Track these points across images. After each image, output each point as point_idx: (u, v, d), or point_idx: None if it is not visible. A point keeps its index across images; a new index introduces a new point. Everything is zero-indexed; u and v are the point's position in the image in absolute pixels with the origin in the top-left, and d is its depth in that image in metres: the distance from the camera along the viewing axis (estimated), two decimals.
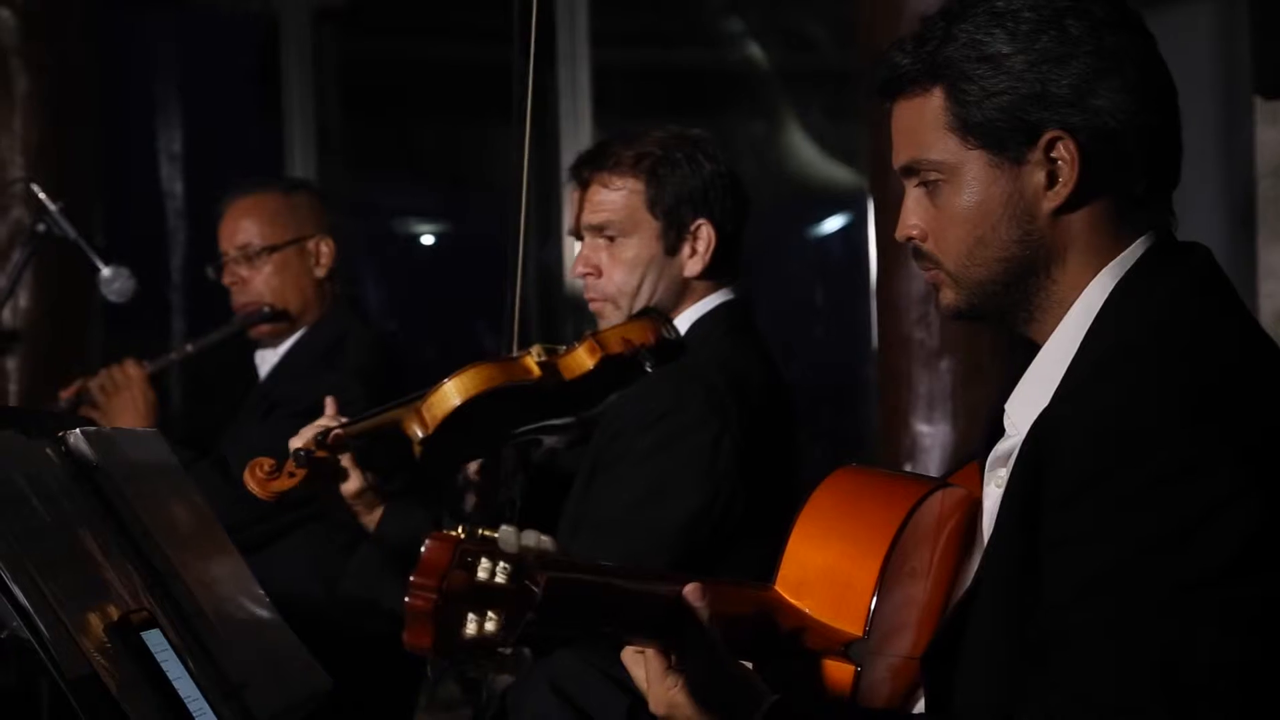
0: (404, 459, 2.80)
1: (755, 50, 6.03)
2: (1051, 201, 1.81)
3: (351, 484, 2.75)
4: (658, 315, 2.82)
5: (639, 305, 2.83)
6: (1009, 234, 1.82)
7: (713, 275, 2.86)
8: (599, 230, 2.84)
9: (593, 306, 2.89)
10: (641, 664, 1.80)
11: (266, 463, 2.70)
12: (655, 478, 2.69)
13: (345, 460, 2.73)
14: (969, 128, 1.81)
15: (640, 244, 2.82)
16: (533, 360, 2.73)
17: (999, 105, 1.79)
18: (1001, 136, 1.80)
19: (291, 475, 2.69)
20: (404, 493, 2.84)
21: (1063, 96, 1.78)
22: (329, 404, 2.89)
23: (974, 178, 1.82)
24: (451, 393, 2.69)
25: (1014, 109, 1.79)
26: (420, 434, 2.70)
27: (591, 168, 2.85)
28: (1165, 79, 1.84)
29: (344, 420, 2.77)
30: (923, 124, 1.85)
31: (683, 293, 2.85)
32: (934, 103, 1.83)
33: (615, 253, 2.83)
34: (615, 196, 2.82)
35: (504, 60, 2.98)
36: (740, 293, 2.89)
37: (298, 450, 2.69)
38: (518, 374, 2.72)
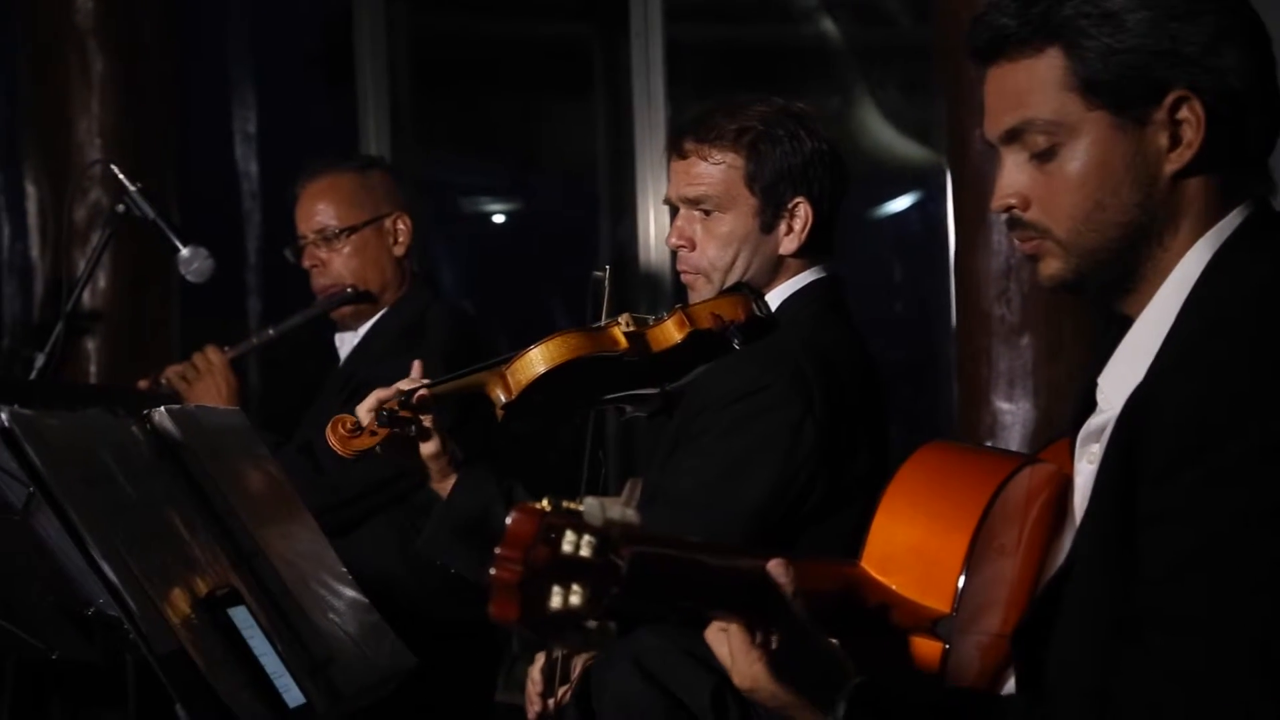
0: (484, 424, 2.79)
1: (830, 25, 5.98)
2: (1173, 164, 1.76)
3: (431, 446, 2.75)
4: (749, 291, 2.79)
5: (731, 280, 2.80)
6: (1130, 198, 1.77)
7: (807, 253, 2.82)
8: (695, 203, 2.80)
9: (684, 278, 2.85)
10: (725, 641, 1.79)
11: (349, 420, 2.70)
12: (734, 456, 2.66)
13: (427, 422, 2.73)
14: (1091, 87, 1.76)
15: (736, 220, 2.78)
16: (620, 331, 2.71)
17: (1125, 62, 1.74)
18: (1126, 95, 1.75)
19: (373, 434, 2.69)
20: (478, 460, 2.84)
21: (1191, 55, 1.73)
22: (415, 367, 2.88)
23: (1095, 140, 1.77)
24: (537, 360, 2.68)
25: (1141, 66, 1.74)
26: (503, 399, 2.70)
27: (693, 138, 2.80)
28: (1269, 40, 1.79)
29: (428, 381, 2.77)
30: (1035, 85, 1.79)
31: (776, 269, 2.81)
32: (1048, 63, 1.78)
33: (710, 227, 2.80)
34: (714, 170, 2.78)
35: (575, 36, 2.96)
36: (832, 270, 2.85)
37: (380, 410, 2.69)
38: (604, 344, 2.70)
